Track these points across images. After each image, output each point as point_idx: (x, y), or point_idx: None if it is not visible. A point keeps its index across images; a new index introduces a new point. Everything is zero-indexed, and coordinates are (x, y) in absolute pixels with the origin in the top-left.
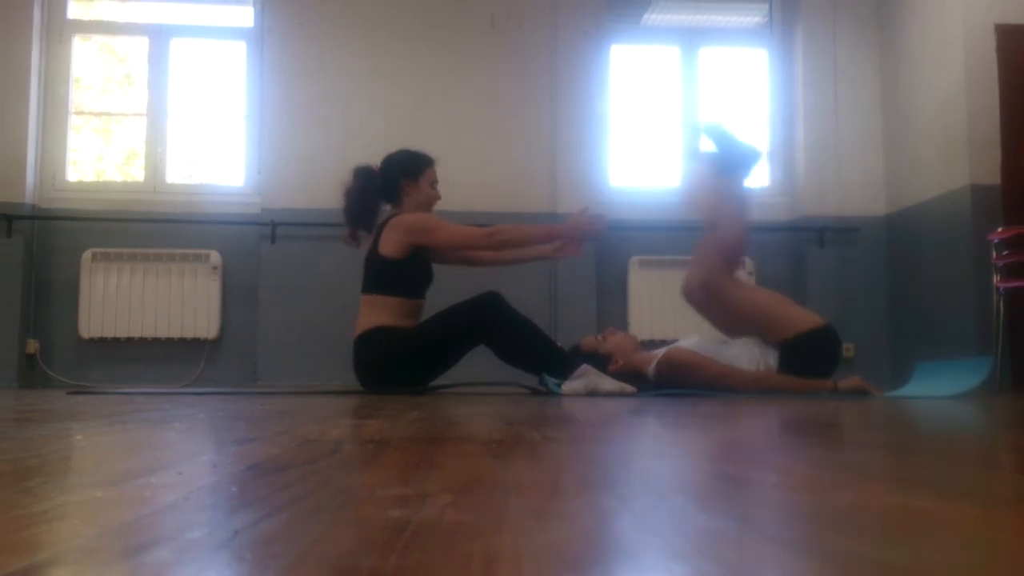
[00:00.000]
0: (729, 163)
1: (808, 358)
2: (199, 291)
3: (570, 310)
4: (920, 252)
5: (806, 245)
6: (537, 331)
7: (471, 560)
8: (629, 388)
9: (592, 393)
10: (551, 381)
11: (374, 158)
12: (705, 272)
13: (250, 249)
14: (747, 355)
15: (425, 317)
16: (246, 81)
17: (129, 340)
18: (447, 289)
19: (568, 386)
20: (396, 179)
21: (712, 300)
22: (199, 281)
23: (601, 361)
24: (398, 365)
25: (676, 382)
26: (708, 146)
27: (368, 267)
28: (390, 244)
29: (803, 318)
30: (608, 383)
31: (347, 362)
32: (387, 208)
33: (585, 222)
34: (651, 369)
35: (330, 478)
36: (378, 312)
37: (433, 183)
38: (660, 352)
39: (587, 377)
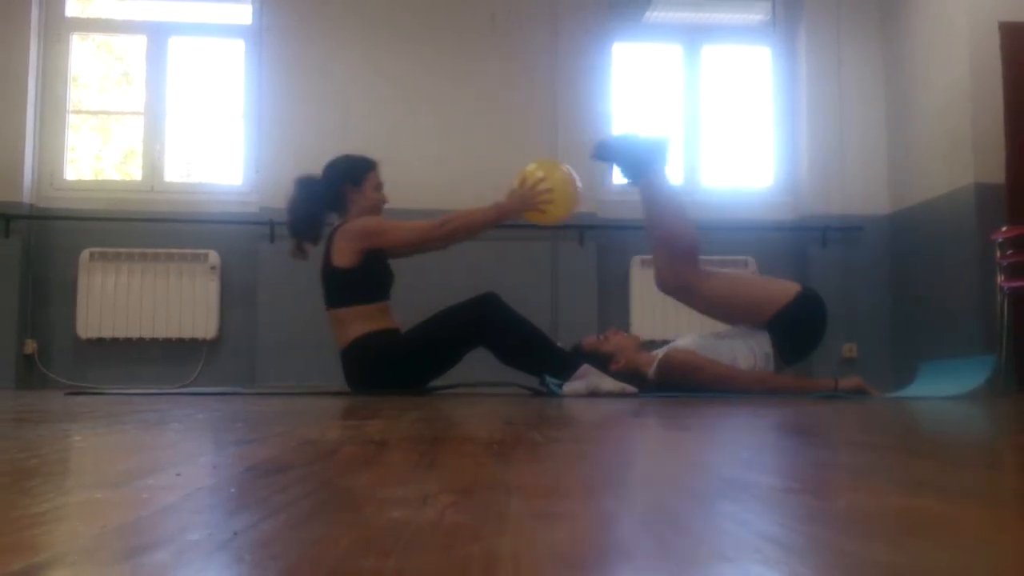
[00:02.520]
0: (638, 165)
1: (797, 330)
2: (197, 291)
3: (571, 310)
4: (924, 251)
5: (809, 244)
6: (536, 332)
7: (471, 561)
8: (630, 388)
9: (593, 393)
10: (552, 382)
11: (373, 157)
12: (668, 273)
13: (249, 249)
14: (744, 348)
15: (421, 317)
16: (244, 80)
17: (127, 340)
18: (445, 289)
19: (569, 387)
20: (339, 186)
21: (688, 290)
22: (197, 281)
23: (603, 361)
24: (392, 368)
25: (677, 383)
26: (610, 159)
27: (326, 281)
28: (342, 254)
29: (779, 292)
30: (609, 383)
31: None
32: (333, 218)
33: (528, 194)
34: (652, 371)
35: (329, 479)
36: (353, 323)
37: (378, 187)
38: (661, 353)
39: (588, 377)
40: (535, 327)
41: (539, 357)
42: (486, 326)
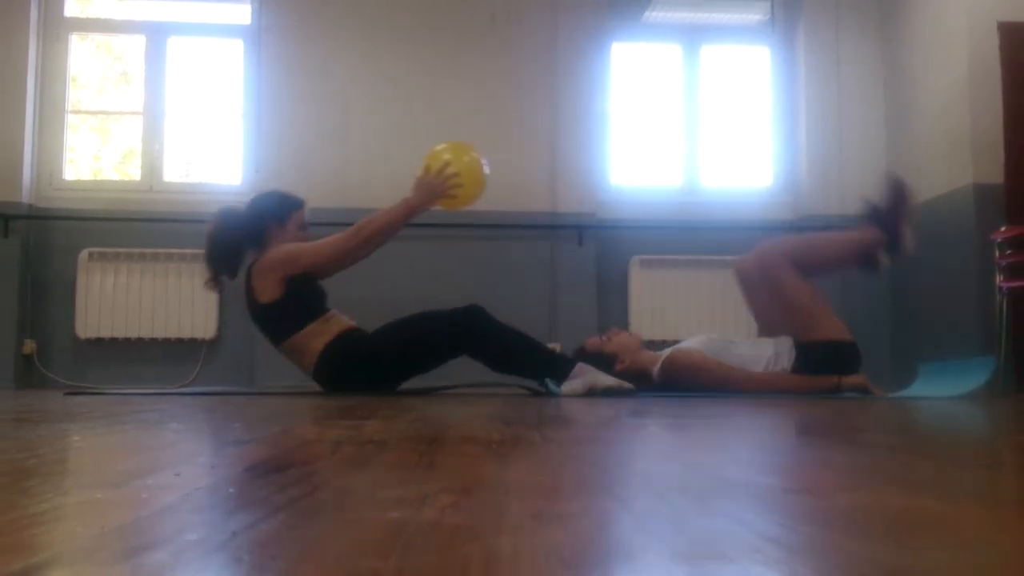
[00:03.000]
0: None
1: (823, 366)
2: (197, 291)
3: (570, 310)
4: (922, 251)
5: None
6: (525, 339)
7: (470, 561)
8: (627, 385)
9: (591, 391)
10: (551, 384)
11: (372, 157)
12: (773, 256)
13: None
14: (754, 356)
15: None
16: (243, 79)
17: (127, 340)
18: (446, 289)
19: (567, 387)
20: (262, 222)
21: (765, 282)
22: (196, 281)
23: (606, 361)
24: (364, 367)
25: (680, 384)
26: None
27: (259, 321)
28: (264, 289)
29: (836, 328)
30: (605, 379)
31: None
32: (251, 253)
33: (436, 181)
34: (655, 370)
35: (328, 479)
36: (309, 345)
37: (302, 226)
38: (665, 353)
39: (584, 376)
40: (523, 334)
41: (532, 363)
42: (473, 339)
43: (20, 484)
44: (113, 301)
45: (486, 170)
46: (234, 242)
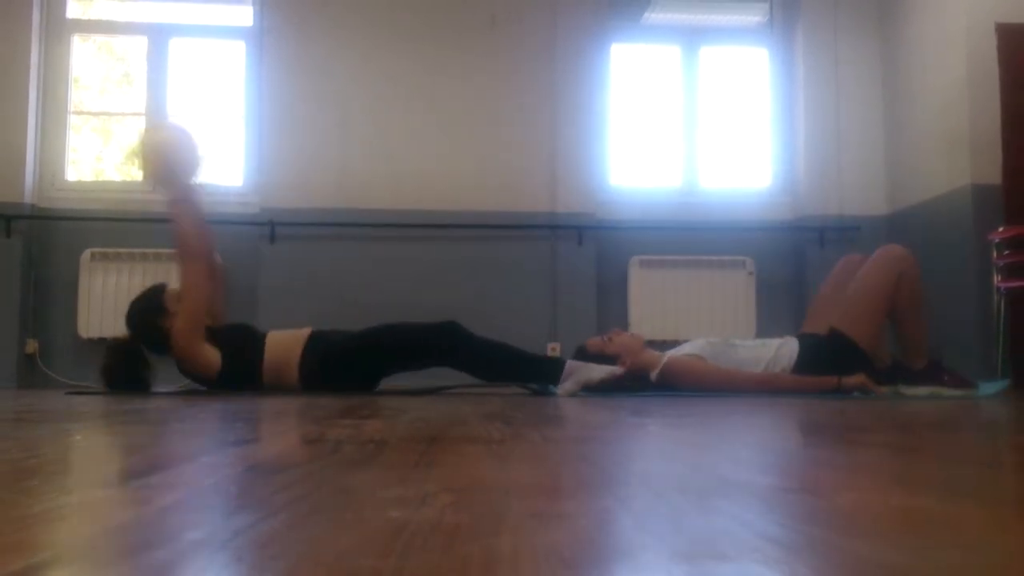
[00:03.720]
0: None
1: (827, 362)
2: None
3: (570, 310)
4: (921, 252)
5: (807, 245)
6: (507, 349)
7: (470, 561)
8: (618, 370)
9: (587, 386)
10: (550, 387)
11: (374, 157)
12: (912, 273)
13: (249, 249)
14: (754, 357)
15: (421, 315)
16: (245, 81)
17: None
18: (446, 288)
19: (563, 388)
20: (154, 324)
21: (878, 271)
22: None
23: (608, 362)
24: (336, 370)
25: (678, 387)
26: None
27: (231, 385)
28: (205, 362)
29: (872, 341)
30: (597, 371)
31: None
32: (165, 352)
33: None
34: (654, 375)
35: (329, 479)
36: (282, 367)
37: (178, 300)
38: (664, 357)
39: (576, 374)
40: (504, 344)
41: (517, 373)
42: (460, 357)
43: (21, 483)
44: (115, 301)
45: (164, 152)
46: (138, 365)
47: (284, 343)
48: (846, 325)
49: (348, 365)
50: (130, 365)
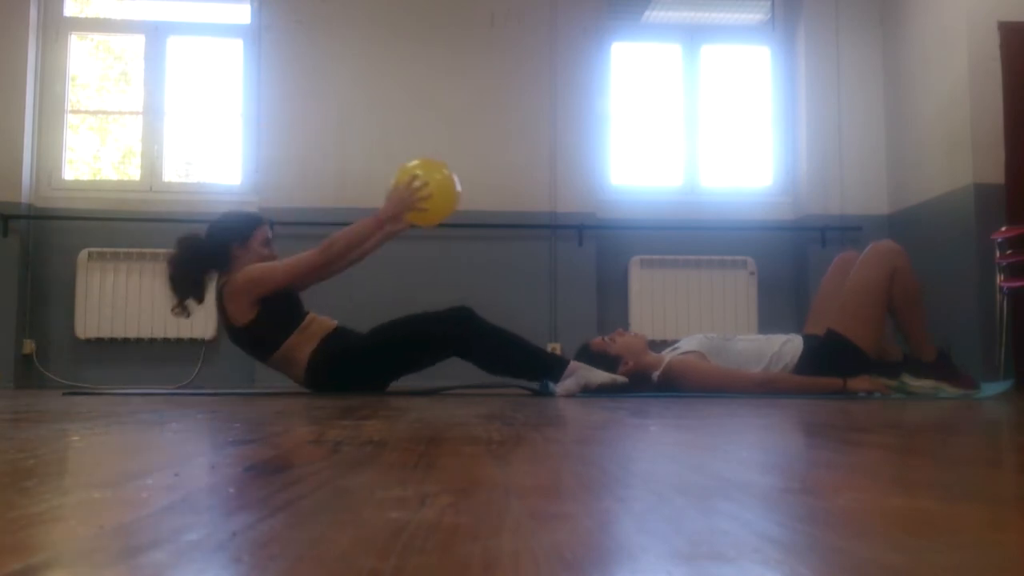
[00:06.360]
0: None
1: (829, 363)
2: None
3: (570, 310)
4: (923, 251)
5: (808, 244)
6: (516, 338)
7: (470, 562)
8: (620, 379)
9: (585, 388)
10: (550, 385)
11: (372, 156)
12: (906, 268)
13: None
14: (756, 352)
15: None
16: (243, 79)
17: (126, 340)
18: (447, 288)
19: (561, 387)
20: (225, 245)
21: (871, 269)
22: None
23: (610, 362)
24: (349, 368)
25: (681, 388)
26: None
27: (239, 341)
28: (237, 312)
29: (870, 340)
30: (599, 376)
31: None
32: (216, 275)
33: (405, 194)
34: (657, 374)
35: (328, 479)
36: (294, 355)
37: (265, 242)
38: (667, 358)
39: (577, 374)
40: (512, 334)
41: (523, 364)
42: (468, 343)
43: (19, 484)
44: (112, 301)
45: (457, 188)
46: (198, 267)
47: (303, 339)
48: (843, 326)
49: (359, 366)
50: (194, 264)
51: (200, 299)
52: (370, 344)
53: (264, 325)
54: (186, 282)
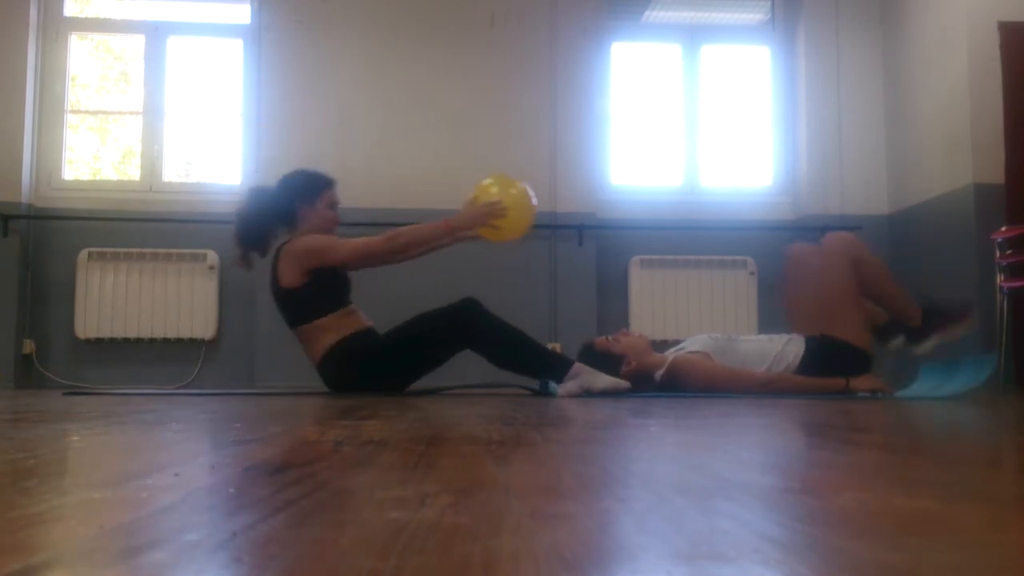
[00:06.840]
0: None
1: (830, 365)
2: (196, 291)
3: (570, 310)
4: (923, 252)
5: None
6: (522, 334)
7: (470, 562)
8: (623, 384)
9: (587, 392)
10: (551, 385)
11: (372, 156)
12: (847, 244)
13: None
14: (759, 352)
15: (415, 314)
16: (243, 79)
17: (126, 340)
18: (447, 288)
19: (563, 388)
20: (291, 203)
21: (834, 269)
22: (196, 281)
23: (613, 362)
24: (372, 369)
25: (684, 387)
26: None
27: (279, 302)
28: (288, 274)
29: (862, 336)
30: (602, 380)
31: None
32: (282, 231)
33: (480, 210)
34: (659, 375)
35: (329, 479)
36: (322, 335)
37: (331, 205)
38: (670, 357)
39: (581, 376)
40: (519, 330)
41: (531, 358)
42: (474, 333)
43: (19, 484)
44: (112, 301)
45: (533, 200)
46: (263, 221)
47: (336, 324)
48: (835, 331)
49: (376, 367)
50: (260, 217)
51: (264, 252)
52: (387, 344)
53: (308, 295)
54: (251, 234)
